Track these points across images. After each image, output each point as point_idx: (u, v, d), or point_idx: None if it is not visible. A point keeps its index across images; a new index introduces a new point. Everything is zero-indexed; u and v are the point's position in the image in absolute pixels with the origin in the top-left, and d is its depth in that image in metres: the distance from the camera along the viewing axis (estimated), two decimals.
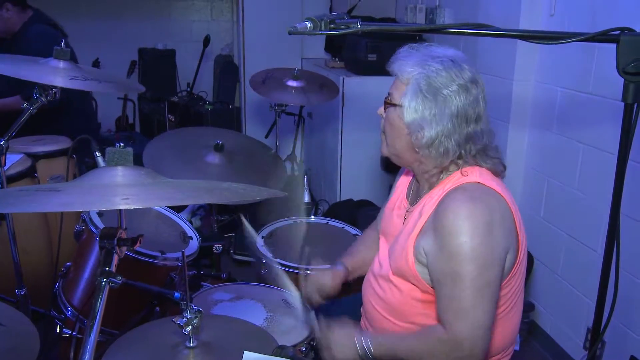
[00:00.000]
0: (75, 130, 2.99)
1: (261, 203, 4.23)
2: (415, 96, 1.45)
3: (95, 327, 0.88)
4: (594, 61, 2.46)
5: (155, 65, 5.17)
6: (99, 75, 1.72)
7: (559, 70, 2.68)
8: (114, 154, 0.97)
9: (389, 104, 1.55)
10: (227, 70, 5.56)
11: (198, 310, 1.36)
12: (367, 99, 3.97)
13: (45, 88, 1.70)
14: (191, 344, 1.39)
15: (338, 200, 4.15)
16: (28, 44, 3.11)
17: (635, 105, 1.21)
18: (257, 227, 2.57)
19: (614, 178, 2.31)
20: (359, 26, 1.23)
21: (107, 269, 0.92)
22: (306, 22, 1.22)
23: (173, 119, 4.32)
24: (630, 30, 1.18)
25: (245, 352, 1.16)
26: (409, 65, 1.48)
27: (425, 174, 1.57)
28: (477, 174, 1.48)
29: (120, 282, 0.94)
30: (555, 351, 2.78)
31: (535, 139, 2.88)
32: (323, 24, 1.24)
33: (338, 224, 2.68)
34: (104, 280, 0.92)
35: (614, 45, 2.25)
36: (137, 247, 1.87)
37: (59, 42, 3.15)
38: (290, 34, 1.21)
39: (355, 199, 4.08)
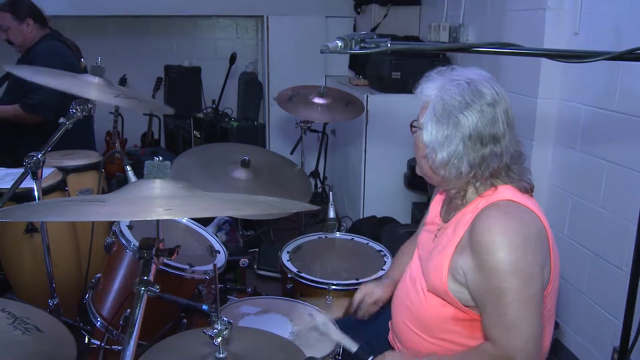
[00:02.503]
0: (71, 146, 3.08)
1: (284, 219, 4.29)
2: (431, 119, 1.50)
3: (134, 334, 0.91)
4: (619, 79, 2.46)
5: (181, 82, 5.26)
6: (136, 94, 1.78)
7: (583, 88, 2.68)
8: (153, 167, 1.01)
9: (413, 126, 1.60)
10: (251, 88, 5.64)
11: (228, 322, 1.39)
12: (391, 117, 4.00)
13: (80, 103, 1.76)
14: (221, 355, 1.42)
15: (361, 216, 4.18)
16: (34, 57, 3.22)
17: None
18: (283, 242, 2.60)
19: (637, 194, 2.31)
20: (389, 45, 1.27)
21: (145, 278, 0.95)
22: (337, 41, 1.26)
23: (198, 135, 4.38)
24: None
25: None
26: (429, 89, 1.53)
27: (451, 192, 1.60)
28: (510, 192, 1.50)
29: (157, 291, 0.98)
30: None
31: (559, 157, 2.88)
32: (353, 43, 1.27)
33: (363, 239, 2.70)
34: (143, 289, 0.95)
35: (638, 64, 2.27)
36: (166, 260, 1.93)
37: (65, 58, 3.28)
38: (322, 52, 1.24)
39: (378, 216, 4.10)
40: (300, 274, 2.34)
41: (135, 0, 5.07)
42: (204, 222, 2.75)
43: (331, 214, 2.86)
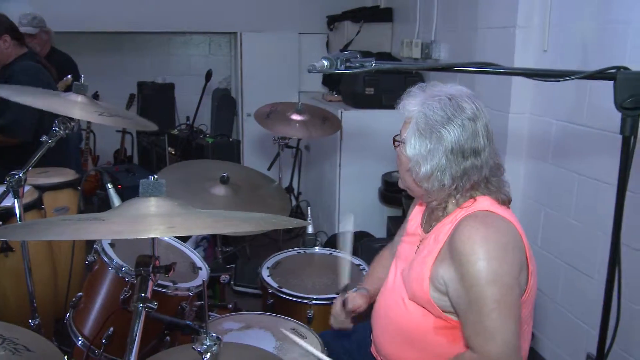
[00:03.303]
0: (46, 164, 3.05)
1: (260, 235, 4.30)
2: (414, 133, 1.55)
3: (134, 351, 0.92)
4: (586, 95, 2.55)
5: (154, 99, 5.25)
6: (121, 112, 1.79)
7: (553, 103, 2.77)
8: (148, 185, 1.02)
9: (396, 141, 1.64)
10: (225, 104, 5.66)
11: (217, 337, 1.40)
12: (365, 132, 4.06)
13: (64, 121, 1.76)
14: None
15: (336, 231, 4.21)
16: (11, 76, 3.19)
17: (632, 138, 1.28)
18: (259, 258, 2.61)
19: (609, 207, 2.39)
20: (373, 65, 1.31)
21: (143, 295, 0.97)
22: (324, 61, 1.29)
23: (173, 152, 4.37)
24: (626, 68, 1.26)
25: None
26: (412, 104, 1.57)
27: (432, 204, 1.64)
28: (488, 203, 1.56)
29: (155, 307, 0.99)
30: None
31: (531, 170, 2.96)
32: (339, 62, 1.31)
33: (341, 254, 2.72)
34: (141, 305, 0.96)
35: (606, 81, 2.36)
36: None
37: (43, 78, 3.27)
38: (309, 72, 1.28)
39: (353, 231, 4.13)
40: (281, 289, 2.36)
41: (107, 17, 5.07)
42: (182, 239, 2.75)
43: (309, 229, 2.89)
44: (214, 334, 1.41)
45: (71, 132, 1.80)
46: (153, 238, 1.08)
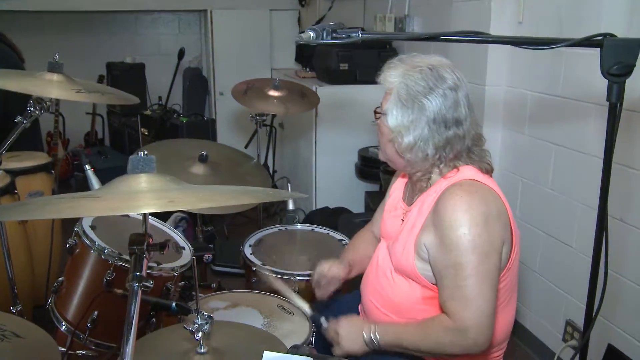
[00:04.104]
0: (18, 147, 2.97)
1: (237, 214, 4.28)
2: (395, 104, 1.55)
3: (132, 332, 0.91)
4: (562, 66, 2.57)
5: (125, 79, 5.14)
6: (99, 88, 1.74)
7: (528, 74, 2.79)
8: (138, 161, 1.00)
9: (377, 112, 1.63)
10: (196, 83, 5.58)
11: (209, 316, 1.39)
12: (340, 108, 4.05)
13: (39, 101, 1.70)
14: (202, 350, 1.41)
15: (314, 208, 4.21)
16: None
17: (618, 105, 1.29)
18: (236, 237, 2.59)
19: (586, 175, 2.44)
20: (360, 35, 1.29)
21: (138, 274, 0.95)
22: (310, 32, 1.27)
23: (147, 133, 4.30)
24: (613, 35, 1.27)
25: (265, 352, 1.19)
26: (392, 76, 1.57)
27: (416, 175, 1.65)
28: (472, 172, 1.57)
29: (151, 286, 0.97)
30: (535, 345, 2.88)
31: (508, 141, 2.99)
32: (325, 33, 1.29)
33: (323, 230, 2.73)
34: (136, 284, 0.94)
35: (581, 51, 2.38)
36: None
37: (10, 59, 3.14)
38: (297, 44, 1.26)
39: (331, 207, 4.14)
40: (265, 266, 2.35)
41: None
42: (163, 219, 2.72)
43: (290, 206, 2.87)
44: (205, 313, 1.40)
45: (47, 112, 1.74)
46: (145, 216, 1.06)
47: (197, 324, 1.38)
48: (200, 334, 1.38)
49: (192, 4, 5.37)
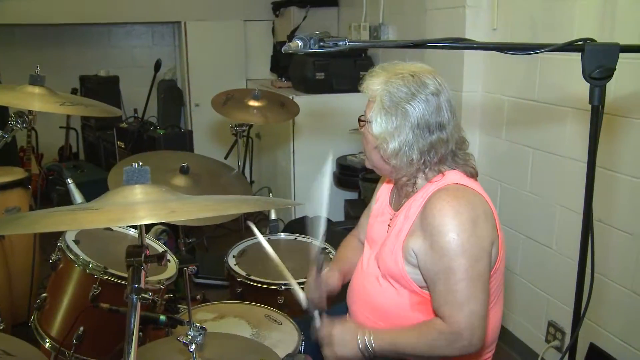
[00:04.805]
0: None
1: (217, 226, 4.25)
2: (379, 112, 1.57)
3: (133, 345, 0.90)
4: (537, 71, 2.63)
5: (99, 92, 5.06)
6: (82, 101, 1.72)
7: (504, 80, 2.84)
8: (133, 173, 0.99)
9: (361, 120, 1.65)
10: (171, 95, 5.55)
11: (202, 327, 1.38)
12: (317, 117, 4.07)
13: (20, 115, 1.68)
14: None
15: (293, 217, 4.21)
16: None
17: (600, 107, 1.32)
18: (219, 250, 2.58)
19: (563, 178, 2.48)
20: (347, 44, 1.30)
21: (136, 286, 0.94)
22: (297, 41, 1.28)
23: (123, 146, 4.26)
24: (593, 40, 1.30)
25: None
26: (375, 83, 1.59)
27: (402, 181, 1.66)
28: (458, 177, 1.59)
29: (150, 297, 0.96)
30: (518, 347, 2.92)
31: (485, 147, 3.03)
32: (312, 42, 1.30)
33: (306, 239, 2.73)
34: (135, 297, 0.93)
35: (556, 56, 2.43)
36: (118, 273, 1.87)
37: None
38: (284, 52, 1.26)
39: (310, 216, 4.14)
40: (250, 277, 2.34)
41: (43, 9, 4.86)
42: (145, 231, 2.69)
43: (272, 216, 2.88)
44: (197, 324, 1.39)
45: (28, 125, 1.72)
46: (141, 227, 1.05)
47: (190, 335, 1.37)
48: (193, 346, 1.37)
49: (166, 16, 5.34)
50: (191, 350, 1.36)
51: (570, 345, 1.52)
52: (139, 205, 0.89)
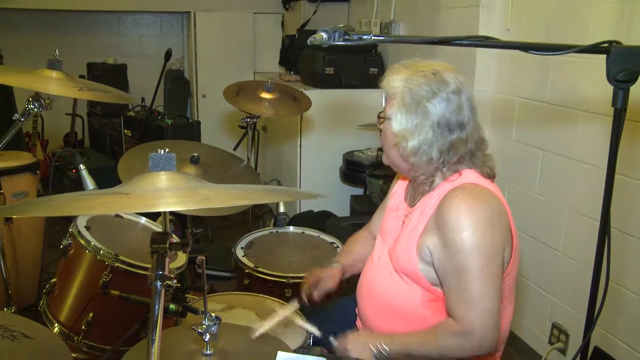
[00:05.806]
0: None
1: (220, 217, 4.25)
2: (399, 109, 1.56)
3: (157, 332, 0.90)
4: (550, 72, 2.62)
5: (106, 80, 5.03)
6: (100, 86, 1.72)
7: (516, 81, 2.84)
8: (160, 159, 0.99)
9: (381, 117, 1.64)
10: (178, 85, 5.54)
11: (216, 317, 1.38)
12: (325, 112, 4.06)
13: (37, 98, 1.68)
14: (208, 352, 1.40)
15: (298, 211, 4.21)
16: None
17: (623, 111, 1.32)
18: (226, 240, 2.58)
19: (572, 181, 2.48)
20: (372, 38, 1.30)
21: (160, 272, 0.94)
22: (322, 33, 1.28)
23: (130, 134, 4.25)
24: (618, 42, 1.30)
25: (279, 352, 1.19)
26: (395, 80, 1.58)
27: (419, 179, 1.66)
28: (474, 176, 1.59)
29: (174, 285, 0.96)
30: (521, 348, 2.92)
31: (495, 147, 2.99)
32: (337, 35, 1.30)
33: (314, 233, 2.73)
34: (160, 284, 0.93)
35: (569, 58, 2.43)
36: (129, 260, 1.87)
37: None
38: (310, 44, 1.26)
39: (315, 210, 4.15)
40: (258, 269, 2.34)
41: None
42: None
43: (281, 209, 2.88)
44: (212, 314, 1.39)
45: (45, 109, 1.72)
46: (165, 214, 1.05)
47: (204, 325, 1.37)
48: (208, 336, 1.37)
49: (175, 6, 5.33)
50: (206, 340, 1.36)
51: (582, 347, 1.53)
52: (169, 192, 0.89)
